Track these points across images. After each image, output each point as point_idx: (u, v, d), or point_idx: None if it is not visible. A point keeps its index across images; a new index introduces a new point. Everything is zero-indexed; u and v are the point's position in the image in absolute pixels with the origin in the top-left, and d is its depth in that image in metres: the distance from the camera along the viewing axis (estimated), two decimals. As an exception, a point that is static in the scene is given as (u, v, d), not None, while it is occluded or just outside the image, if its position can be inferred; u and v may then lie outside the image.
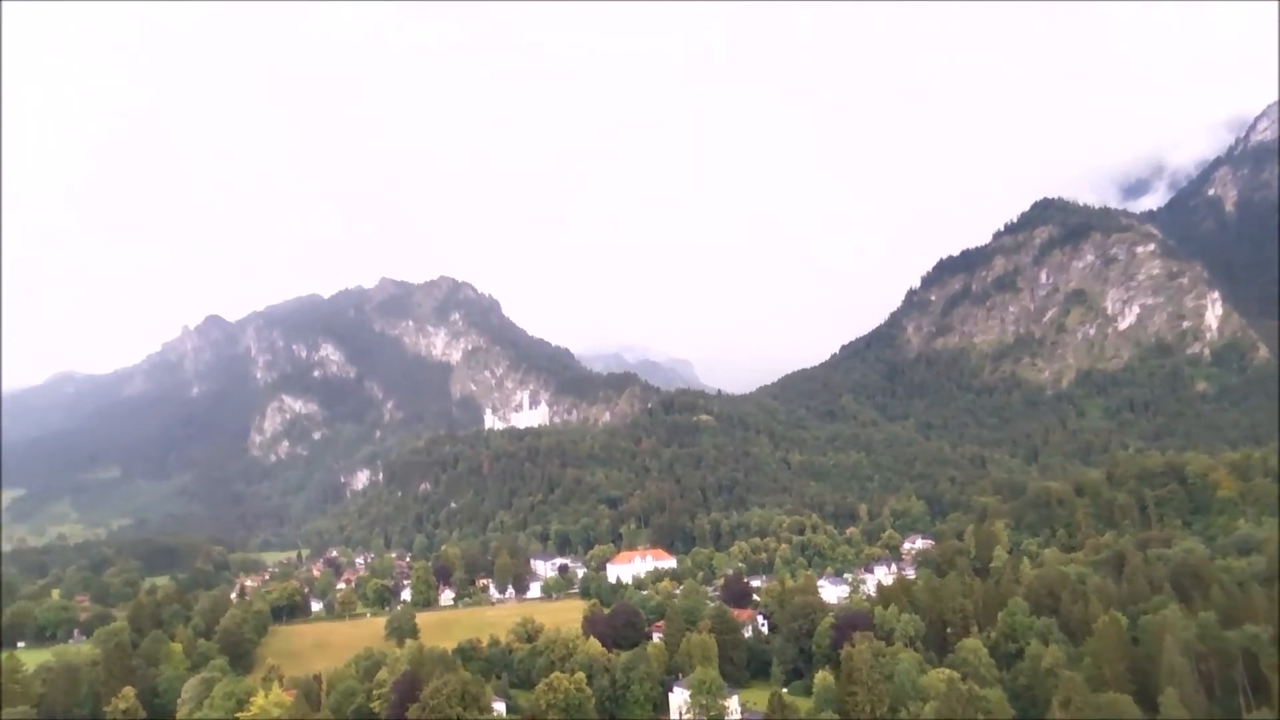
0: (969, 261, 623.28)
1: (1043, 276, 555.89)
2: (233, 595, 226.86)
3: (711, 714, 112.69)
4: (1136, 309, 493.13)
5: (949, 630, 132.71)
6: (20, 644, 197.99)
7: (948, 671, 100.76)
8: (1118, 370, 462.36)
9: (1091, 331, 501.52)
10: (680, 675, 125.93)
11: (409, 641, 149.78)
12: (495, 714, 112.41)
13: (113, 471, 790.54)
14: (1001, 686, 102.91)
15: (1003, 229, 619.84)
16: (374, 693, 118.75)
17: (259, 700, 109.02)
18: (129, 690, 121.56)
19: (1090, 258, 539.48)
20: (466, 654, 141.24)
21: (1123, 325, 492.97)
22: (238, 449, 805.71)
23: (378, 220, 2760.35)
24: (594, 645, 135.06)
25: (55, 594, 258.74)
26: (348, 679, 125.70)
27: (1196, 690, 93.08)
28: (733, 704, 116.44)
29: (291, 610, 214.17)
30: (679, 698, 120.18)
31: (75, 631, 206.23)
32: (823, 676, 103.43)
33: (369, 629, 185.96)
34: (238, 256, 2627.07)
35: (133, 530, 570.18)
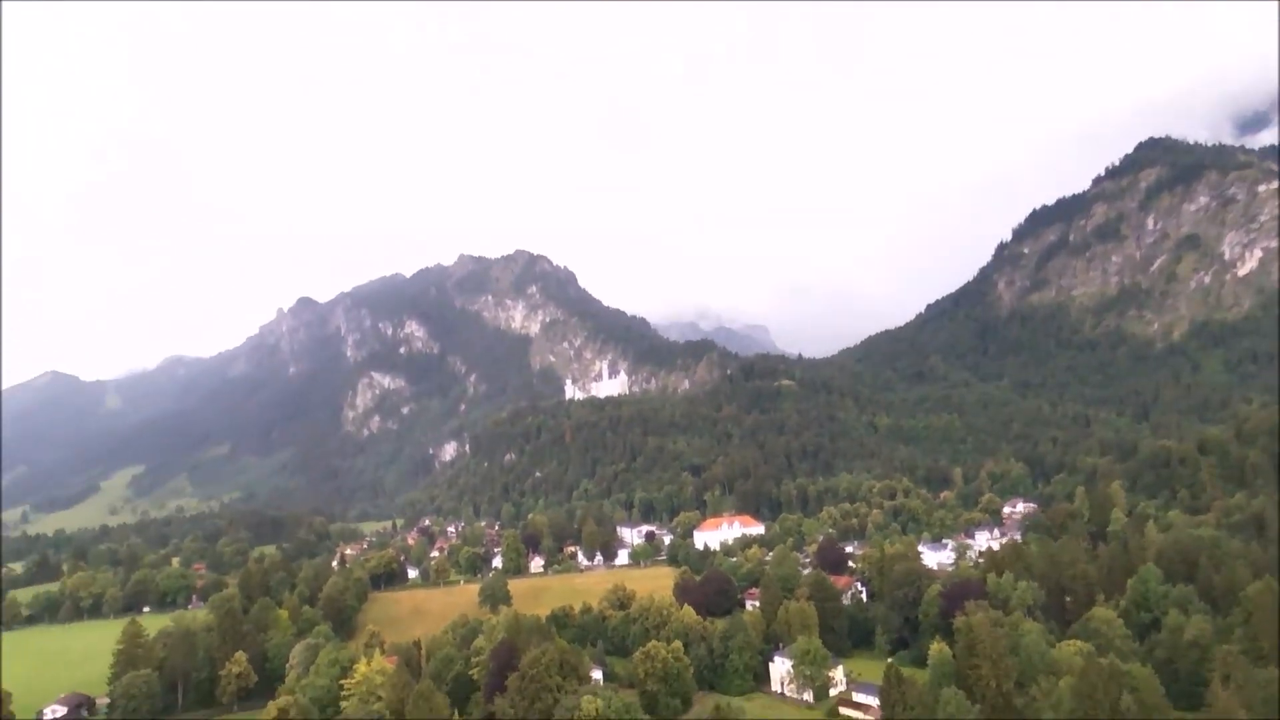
0: (1065, 210, 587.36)
1: (1150, 222, 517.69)
2: (334, 564, 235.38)
3: (816, 684, 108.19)
4: (1258, 253, 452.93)
5: (1068, 599, 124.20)
6: (145, 609, 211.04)
7: (1080, 643, 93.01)
8: (1238, 320, 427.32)
9: (1207, 279, 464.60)
10: (779, 645, 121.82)
11: (504, 609, 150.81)
12: (593, 682, 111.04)
13: (223, 448, 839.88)
14: (1138, 660, 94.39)
15: (1103, 173, 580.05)
16: (472, 660, 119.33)
17: (362, 668, 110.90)
18: (241, 655, 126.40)
19: (1204, 199, 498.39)
20: (560, 621, 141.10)
21: (1243, 271, 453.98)
22: (333, 425, 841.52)
23: (454, 197, 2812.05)
24: (688, 613, 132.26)
25: (175, 562, 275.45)
26: (446, 646, 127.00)
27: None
28: (838, 674, 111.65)
29: (389, 578, 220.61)
30: (781, 668, 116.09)
31: (194, 597, 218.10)
32: (938, 647, 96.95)
33: (463, 596, 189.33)
34: (324, 239, 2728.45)
35: (242, 503, 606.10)
